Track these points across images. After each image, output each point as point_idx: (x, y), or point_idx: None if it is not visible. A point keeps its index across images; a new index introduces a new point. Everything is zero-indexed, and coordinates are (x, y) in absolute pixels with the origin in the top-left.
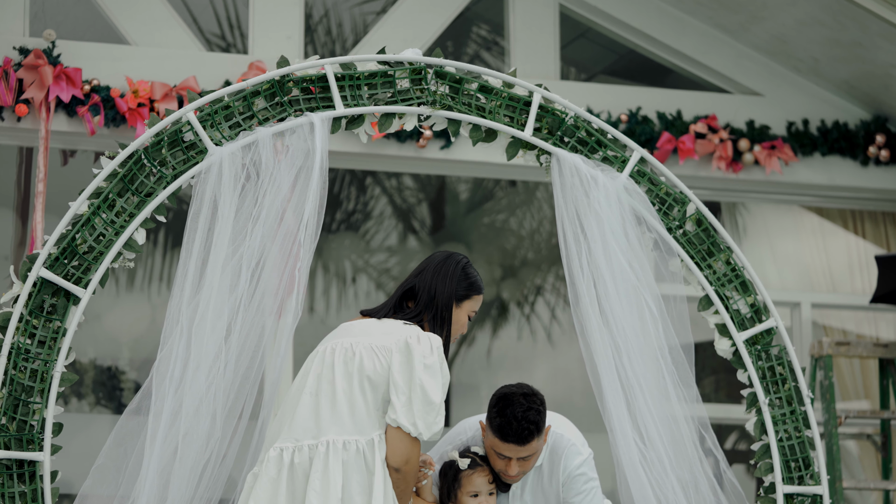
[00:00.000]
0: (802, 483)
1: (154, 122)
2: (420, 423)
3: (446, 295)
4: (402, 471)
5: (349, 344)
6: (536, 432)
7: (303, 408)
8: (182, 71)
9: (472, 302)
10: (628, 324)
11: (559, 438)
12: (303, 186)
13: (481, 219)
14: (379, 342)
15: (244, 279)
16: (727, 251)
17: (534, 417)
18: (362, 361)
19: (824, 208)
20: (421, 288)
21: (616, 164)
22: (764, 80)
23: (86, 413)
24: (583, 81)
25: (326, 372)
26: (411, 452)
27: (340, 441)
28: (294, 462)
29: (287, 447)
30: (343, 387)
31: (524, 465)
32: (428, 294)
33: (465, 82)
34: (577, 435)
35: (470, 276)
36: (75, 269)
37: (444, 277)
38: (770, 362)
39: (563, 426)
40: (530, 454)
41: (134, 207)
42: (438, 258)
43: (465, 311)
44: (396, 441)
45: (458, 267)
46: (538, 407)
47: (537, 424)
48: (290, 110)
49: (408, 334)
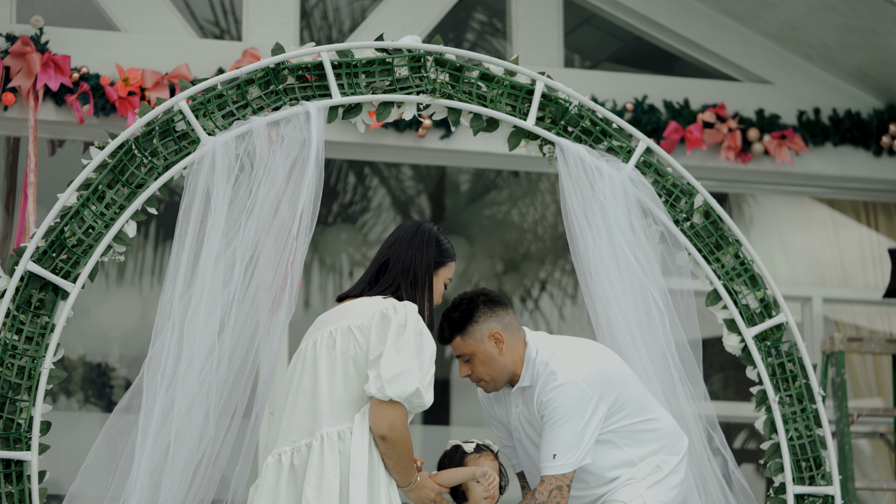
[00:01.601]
0: (813, 483)
1: (145, 111)
2: (388, 386)
3: (425, 263)
4: (389, 438)
5: (328, 333)
6: (450, 331)
7: (297, 407)
8: (174, 58)
9: (447, 269)
10: (634, 319)
11: (541, 364)
12: (298, 177)
13: (482, 211)
14: (357, 322)
15: (238, 273)
16: (736, 244)
17: (449, 315)
18: (343, 346)
19: (836, 200)
20: (396, 260)
21: (621, 154)
22: (774, 67)
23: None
24: (587, 69)
25: (310, 367)
26: (393, 418)
27: (335, 432)
28: (294, 464)
29: (285, 451)
30: (330, 377)
31: (471, 369)
32: (403, 265)
33: (465, 70)
34: (564, 360)
35: (442, 243)
36: (64, 263)
37: (419, 246)
38: (780, 359)
39: (552, 351)
40: (462, 354)
41: (124, 199)
42: (409, 228)
43: (441, 279)
44: (375, 410)
45: (431, 235)
46: (463, 307)
47: (452, 322)
48: (285, 99)
49: (384, 306)
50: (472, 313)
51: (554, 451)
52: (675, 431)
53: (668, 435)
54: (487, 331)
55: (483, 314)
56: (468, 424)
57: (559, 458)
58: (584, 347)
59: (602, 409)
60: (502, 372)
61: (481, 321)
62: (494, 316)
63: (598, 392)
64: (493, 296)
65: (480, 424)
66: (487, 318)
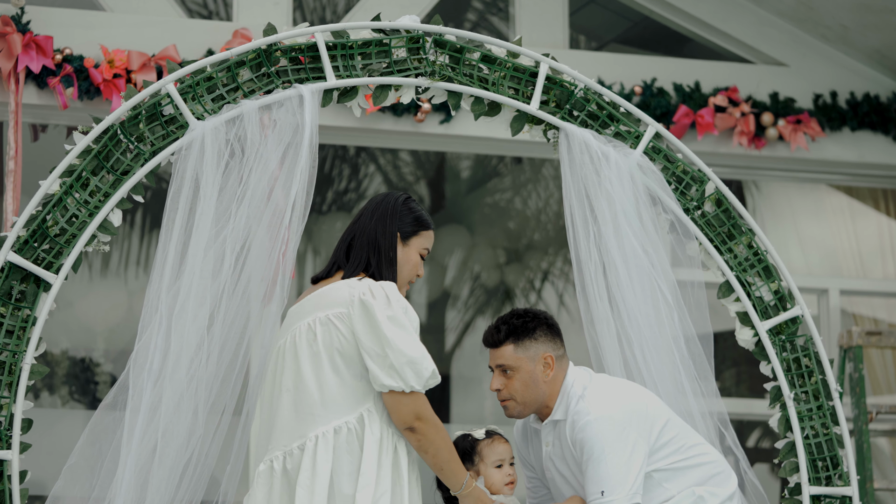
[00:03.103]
0: (830, 484)
1: (131, 94)
2: (408, 376)
3: (388, 234)
4: (418, 428)
5: (306, 325)
6: (507, 335)
7: (282, 409)
8: (161, 39)
9: (422, 238)
10: (641, 313)
11: (574, 398)
12: (291, 164)
13: (484, 198)
14: (334, 311)
15: (228, 264)
16: (749, 234)
17: (509, 319)
18: (324, 338)
19: (854, 187)
20: (360, 233)
21: (629, 139)
22: (789, 49)
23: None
24: (593, 51)
25: (291, 363)
26: (418, 407)
27: (331, 429)
28: (287, 469)
29: (277, 456)
30: (317, 373)
31: (504, 383)
32: (368, 238)
33: (466, 52)
34: (597, 395)
35: (414, 211)
36: (46, 253)
37: (382, 217)
38: (795, 353)
39: (588, 383)
40: (506, 365)
41: (109, 186)
42: (376, 199)
43: (415, 250)
44: (395, 404)
45: (397, 204)
46: (529, 319)
47: (511, 327)
48: (277, 82)
49: (360, 291)
50: (534, 329)
51: (601, 487)
52: (722, 465)
53: (713, 469)
54: (542, 352)
55: (544, 334)
56: (468, 422)
57: (608, 493)
58: (619, 385)
59: (643, 447)
60: (537, 398)
61: (540, 340)
62: (553, 342)
63: (636, 429)
64: (555, 324)
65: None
66: (546, 340)
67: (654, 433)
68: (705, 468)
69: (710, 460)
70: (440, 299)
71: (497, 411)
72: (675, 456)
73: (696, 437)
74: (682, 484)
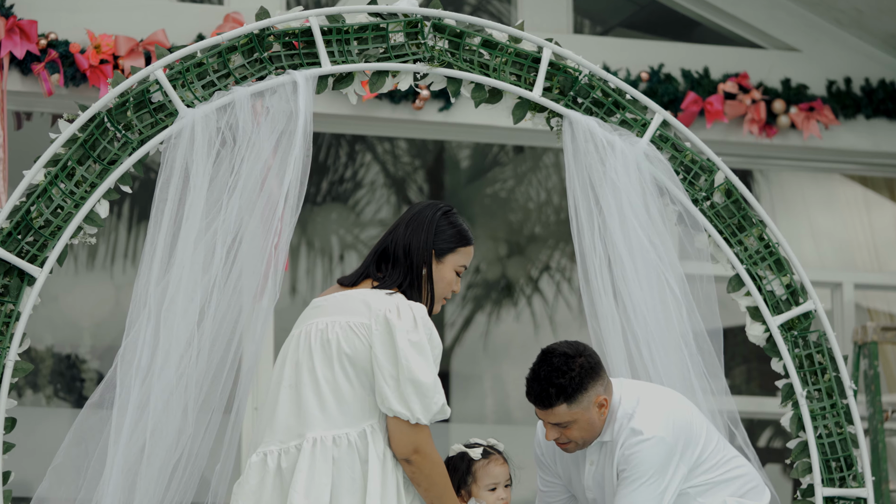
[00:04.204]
0: (844, 485)
1: (118, 80)
2: (416, 407)
3: (422, 249)
4: (415, 462)
5: (325, 325)
6: (558, 397)
7: (283, 403)
8: (150, 23)
9: (459, 256)
10: (648, 308)
11: (624, 418)
12: (284, 153)
13: (484, 189)
14: (356, 319)
15: (219, 257)
16: (760, 225)
17: (556, 380)
18: (340, 343)
19: (869, 177)
20: (394, 246)
21: (636, 127)
22: (801, 33)
23: (42, 407)
24: (598, 35)
25: (304, 359)
26: (418, 440)
27: (329, 437)
28: (281, 467)
29: (272, 451)
30: (325, 375)
31: (565, 433)
32: (403, 251)
33: (466, 36)
34: (649, 412)
35: (455, 225)
36: (30, 246)
37: (418, 229)
38: (808, 350)
39: (637, 398)
40: (561, 422)
41: (96, 176)
42: (414, 209)
43: (451, 267)
44: (397, 431)
45: (435, 215)
46: (574, 373)
47: (559, 388)
48: (270, 68)
49: (386, 308)
50: (582, 381)
51: None
52: (756, 478)
53: (748, 482)
54: (595, 397)
55: (592, 379)
56: (469, 421)
57: None
58: (668, 398)
59: (682, 471)
60: (595, 434)
61: (591, 388)
62: (600, 380)
63: (680, 451)
64: (593, 356)
65: (482, 421)
66: (595, 383)
67: (696, 453)
68: (740, 481)
69: (744, 472)
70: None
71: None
72: (713, 472)
73: (730, 448)
74: (717, 497)
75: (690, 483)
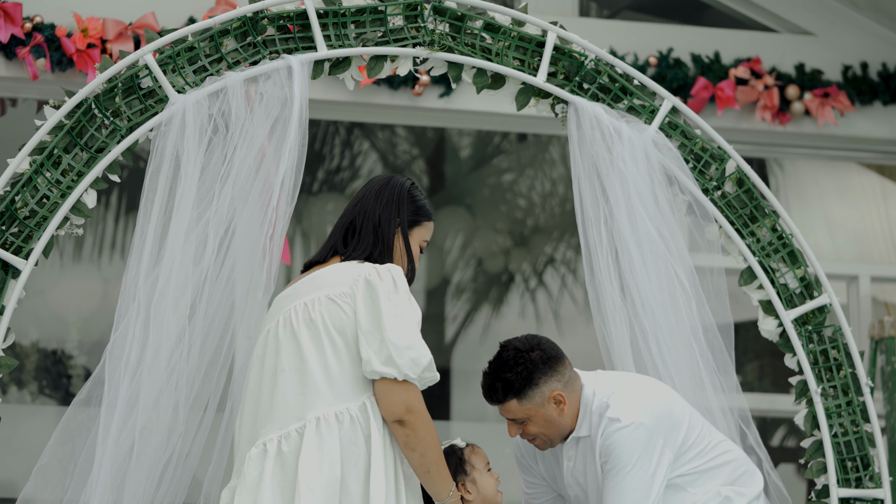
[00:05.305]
0: (860, 486)
1: (106, 65)
2: (403, 364)
3: (393, 222)
4: (409, 422)
5: (303, 304)
6: (504, 393)
7: (276, 391)
8: (139, 6)
9: (423, 230)
10: (656, 302)
11: (600, 408)
12: (279, 140)
13: (486, 178)
14: (336, 290)
15: (211, 249)
16: (773, 216)
17: (502, 375)
18: (325, 318)
19: (886, 166)
20: (363, 219)
21: (644, 114)
22: (816, 16)
23: (27, 404)
24: (605, 18)
25: (288, 345)
26: (409, 398)
27: (332, 413)
28: (283, 451)
29: (271, 439)
30: (319, 353)
31: (525, 429)
32: (372, 224)
33: (468, 20)
34: (626, 400)
35: (417, 200)
36: (15, 237)
37: (388, 203)
38: (823, 345)
39: (613, 389)
40: (516, 418)
41: (83, 165)
42: (379, 182)
43: (417, 241)
44: (386, 393)
45: (403, 190)
46: (521, 368)
47: (507, 383)
48: (264, 52)
49: (366, 272)
50: (531, 375)
51: (622, 501)
52: (746, 462)
53: (738, 468)
54: (548, 392)
55: (544, 374)
56: (469, 419)
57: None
58: (645, 385)
59: (668, 456)
60: (561, 432)
61: (542, 383)
62: (555, 375)
63: (663, 436)
64: (549, 350)
65: (483, 419)
66: (548, 378)
67: (680, 438)
68: (730, 467)
69: (733, 458)
70: (439, 287)
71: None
72: (700, 458)
73: (716, 433)
74: (708, 486)
75: (679, 472)
